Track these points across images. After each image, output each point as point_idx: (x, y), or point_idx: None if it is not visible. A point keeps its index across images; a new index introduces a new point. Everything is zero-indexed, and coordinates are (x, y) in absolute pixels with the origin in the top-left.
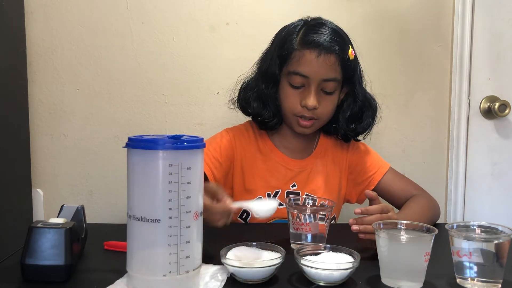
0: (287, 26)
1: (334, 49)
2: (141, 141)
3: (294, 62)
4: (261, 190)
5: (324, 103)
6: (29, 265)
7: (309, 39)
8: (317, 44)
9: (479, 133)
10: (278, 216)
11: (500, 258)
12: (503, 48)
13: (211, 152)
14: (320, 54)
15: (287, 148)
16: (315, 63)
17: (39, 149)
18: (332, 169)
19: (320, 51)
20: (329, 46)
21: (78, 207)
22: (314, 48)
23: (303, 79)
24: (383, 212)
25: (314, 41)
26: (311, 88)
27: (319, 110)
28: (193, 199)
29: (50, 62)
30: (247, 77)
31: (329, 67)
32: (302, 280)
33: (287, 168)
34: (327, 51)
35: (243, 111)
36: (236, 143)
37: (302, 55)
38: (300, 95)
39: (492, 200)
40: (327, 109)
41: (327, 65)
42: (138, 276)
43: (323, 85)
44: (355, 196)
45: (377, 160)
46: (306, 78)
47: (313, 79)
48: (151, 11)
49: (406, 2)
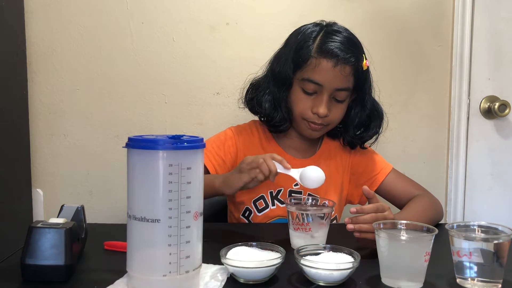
0: (302, 30)
1: (351, 60)
2: (141, 141)
3: (310, 69)
4: (264, 188)
5: (334, 111)
6: (29, 265)
7: (327, 48)
8: (334, 54)
9: (479, 133)
10: (280, 214)
11: (500, 258)
12: (503, 48)
13: (215, 149)
14: (337, 65)
15: (291, 148)
16: (331, 73)
17: (39, 149)
18: (335, 170)
19: (337, 61)
20: (346, 57)
21: (78, 207)
22: (331, 58)
23: (316, 86)
24: (378, 211)
25: (331, 51)
26: (323, 96)
27: (329, 117)
28: (193, 199)
29: (50, 62)
30: (257, 76)
31: (344, 77)
32: (302, 280)
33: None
34: (344, 62)
35: (251, 110)
36: (240, 141)
37: (318, 63)
38: (312, 101)
39: (492, 200)
40: (337, 116)
41: (342, 75)
42: (138, 276)
43: (335, 93)
44: (358, 197)
45: (379, 161)
46: (320, 86)
47: (326, 87)
48: (151, 11)
49: (406, 2)
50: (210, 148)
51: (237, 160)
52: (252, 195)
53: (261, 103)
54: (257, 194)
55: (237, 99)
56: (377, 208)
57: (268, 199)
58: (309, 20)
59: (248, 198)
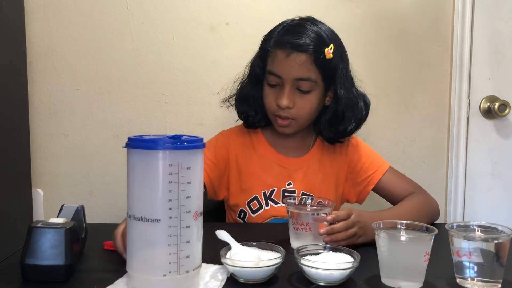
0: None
1: (306, 48)
2: (141, 141)
3: (270, 62)
4: (257, 189)
5: (300, 103)
6: (29, 265)
7: (282, 39)
8: (287, 43)
9: (479, 133)
10: (274, 215)
11: (500, 258)
12: (503, 48)
13: (206, 154)
14: (291, 53)
15: (283, 147)
16: (285, 62)
17: (39, 149)
18: (330, 168)
19: (290, 50)
20: (299, 45)
21: (78, 207)
22: (284, 47)
23: (277, 78)
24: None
25: (284, 41)
26: (284, 87)
27: (295, 110)
28: (193, 199)
29: (50, 62)
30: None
31: (299, 66)
32: (302, 280)
33: (282, 166)
34: (297, 50)
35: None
36: (231, 144)
37: (275, 55)
38: (276, 94)
39: (492, 200)
40: (304, 108)
41: (297, 64)
42: (138, 276)
43: (298, 84)
44: (355, 196)
45: (377, 159)
46: (280, 77)
47: (285, 78)
48: (151, 11)
49: (406, 2)
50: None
51: (229, 162)
52: (246, 196)
53: (236, 101)
54: (250, 195)
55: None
56: (348, 213)
57: (261, 200)
58: None
59: (242, 199)
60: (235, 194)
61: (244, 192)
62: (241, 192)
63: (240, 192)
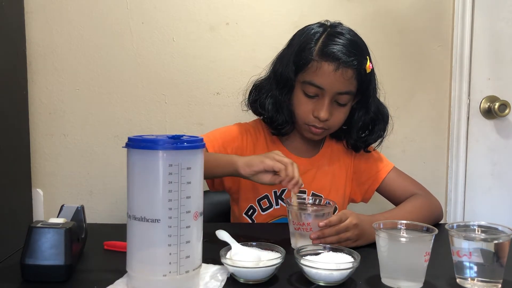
0: (305, 31)
1: (353, 63)
2: (141, 141)
3: (311, 72)
4: (268, 188)
5: (336, 114)
6: (29, 265)
7: (328, 51)
8: (336, 58)
9: (479, 133)
10: (284, 214)
11: (500, 258)
12: (503, 48)
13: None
14: (338, 68)
15: (295, 148)
16: (332, 76)
17: (39, 149)
18: (338, 169)
19: (339, 64)
20: (348, 60)
21: (78, 207)
22: (332, 61)
23: (317, 89)
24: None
25: (333, 54)
26: (325, 100)
27: (331, 121)
28: (193, 199)
29: (50, 62)
30: (261, 77)
31: (345, 81)
32: (302, 280)
33: None
34: (346, 65)
35: (255, 112)
36: (248, 138)
37: (319, 66)
38: (313, 105)
39: (492, 200)
40: (339, 120)
41: (344, 79)
42: (138, 276)
43: (337, 97)
44: (360, 195)
45: (381, 159)
46: (321, 89)
47: (328, 91)
48: (151, 11)
49: (406, 2)
50: (217, 136)
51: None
52: (257, 194)
53: (264, 105)
54: (261, 193)
55: (240, 101)
56: (340, 218)
57: (272, 199)
58: (309, 20)
59: (252, 196)
60: (246, 190)
61: (255, 189)
62: (252, 189)
63: (251, 188)
